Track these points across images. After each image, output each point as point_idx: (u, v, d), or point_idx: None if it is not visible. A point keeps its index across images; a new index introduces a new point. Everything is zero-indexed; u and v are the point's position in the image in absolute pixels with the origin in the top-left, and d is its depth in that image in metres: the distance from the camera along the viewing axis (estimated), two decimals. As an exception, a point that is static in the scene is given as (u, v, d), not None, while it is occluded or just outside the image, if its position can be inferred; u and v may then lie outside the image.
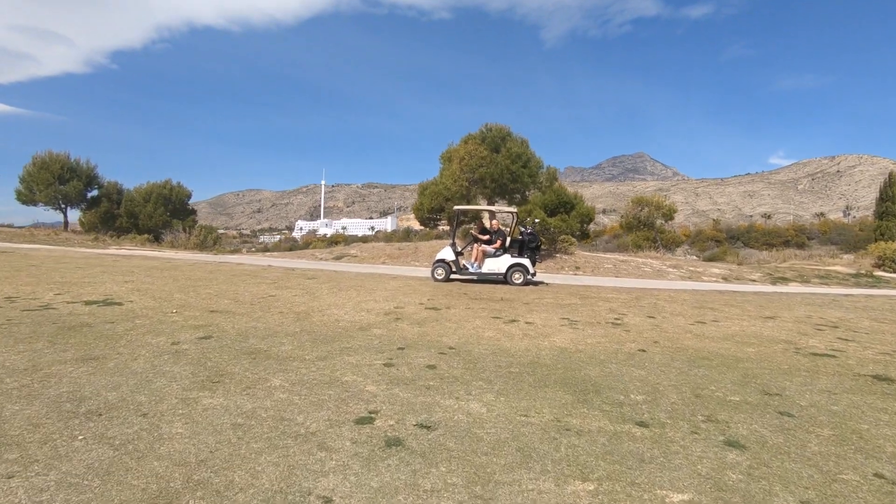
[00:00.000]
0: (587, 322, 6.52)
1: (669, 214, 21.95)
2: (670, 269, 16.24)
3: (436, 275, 10.45)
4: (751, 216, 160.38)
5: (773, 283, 15.04)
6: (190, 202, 32.75)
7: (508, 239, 10.77)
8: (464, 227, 23.79)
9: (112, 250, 19.03)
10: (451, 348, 4.84)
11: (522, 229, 10.84)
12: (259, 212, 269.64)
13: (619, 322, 6.63)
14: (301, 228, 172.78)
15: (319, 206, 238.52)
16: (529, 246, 10.51)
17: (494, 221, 11.05)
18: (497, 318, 6.54)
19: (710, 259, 23.40)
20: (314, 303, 7.08)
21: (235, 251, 22.62)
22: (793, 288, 13.91)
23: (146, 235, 23.26)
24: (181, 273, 10.15)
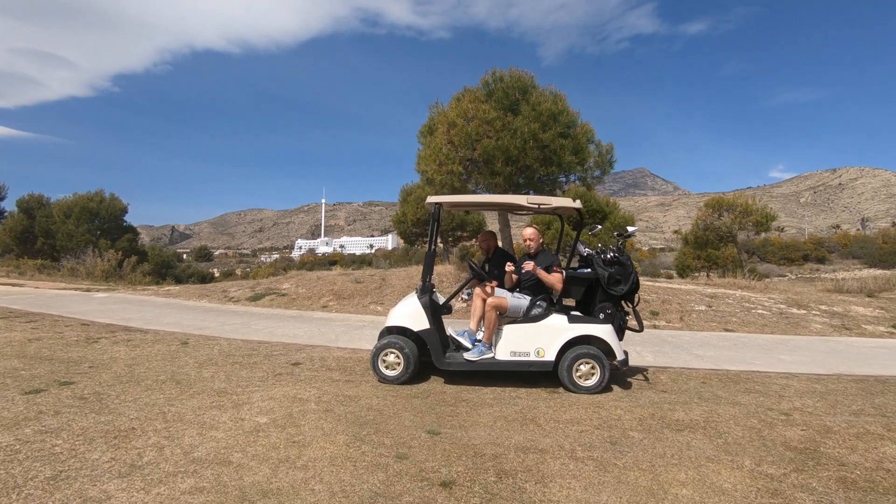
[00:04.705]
0: None
1: (765, 223, 15.05)
2: (795, 311, 10.06)
3: (382, 369, 4.32)
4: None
5: None
6: (192, 223, 27.20)
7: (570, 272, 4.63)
8: (462, 244, 16.74)
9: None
10: None
11: (589, 252, 4.63)
12: (261, 231, 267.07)
13: None
14: (300, 247, 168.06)
15: (320, 224, 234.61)
16: (611, 290, 4.36)
17: (530, 232, 4.49)
18: None
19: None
20: None
21: (157, 284, 16.68)
22: None
23: (39, 261, 17.38)
24: None
